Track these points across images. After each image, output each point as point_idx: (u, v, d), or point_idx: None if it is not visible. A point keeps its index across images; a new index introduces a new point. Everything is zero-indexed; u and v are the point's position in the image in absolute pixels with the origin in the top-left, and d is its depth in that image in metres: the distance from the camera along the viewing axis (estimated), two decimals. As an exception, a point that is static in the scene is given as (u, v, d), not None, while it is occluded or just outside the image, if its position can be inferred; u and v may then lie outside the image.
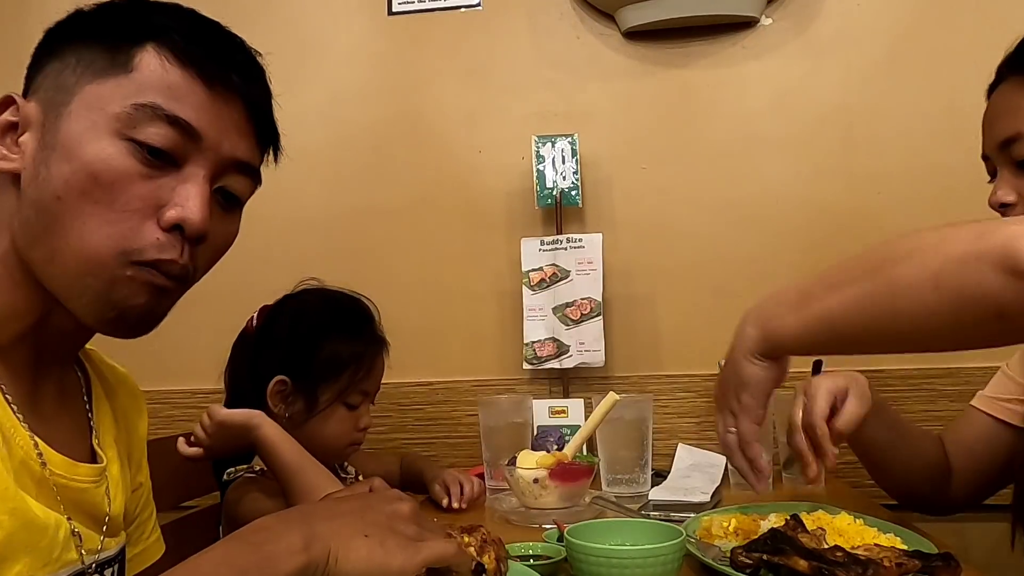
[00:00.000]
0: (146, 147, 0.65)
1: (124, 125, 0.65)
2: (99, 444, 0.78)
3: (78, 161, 0.64)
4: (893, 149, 1.65)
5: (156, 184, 0.66)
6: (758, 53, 1.70)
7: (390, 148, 1.79)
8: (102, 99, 0.65)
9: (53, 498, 0.68)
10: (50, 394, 0.73)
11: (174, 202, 0.66)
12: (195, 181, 0.67)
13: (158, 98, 0.66)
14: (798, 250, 1.66)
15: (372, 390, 1.32)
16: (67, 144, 0.65)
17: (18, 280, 0.68)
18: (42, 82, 0.69)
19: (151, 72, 0.66)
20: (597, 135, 1.72)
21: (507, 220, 1.75)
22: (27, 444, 0.66)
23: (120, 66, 0.66)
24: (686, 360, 1.67)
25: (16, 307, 0.68)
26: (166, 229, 0.66)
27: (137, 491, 0.87)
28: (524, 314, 1.66)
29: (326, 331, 1.28)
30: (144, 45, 0.67)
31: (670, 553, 0.82)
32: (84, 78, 0.66)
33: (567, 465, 1.22)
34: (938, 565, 0.83)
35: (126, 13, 0.70)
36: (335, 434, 1.27)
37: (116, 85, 0.66)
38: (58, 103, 0.66)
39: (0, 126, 0.68)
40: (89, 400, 0.80)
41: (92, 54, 0.67)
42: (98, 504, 0.74)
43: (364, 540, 0.61)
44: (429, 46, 1.79)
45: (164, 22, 0.69)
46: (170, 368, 1.67)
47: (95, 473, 0.74)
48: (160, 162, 0.66)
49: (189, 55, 0.67)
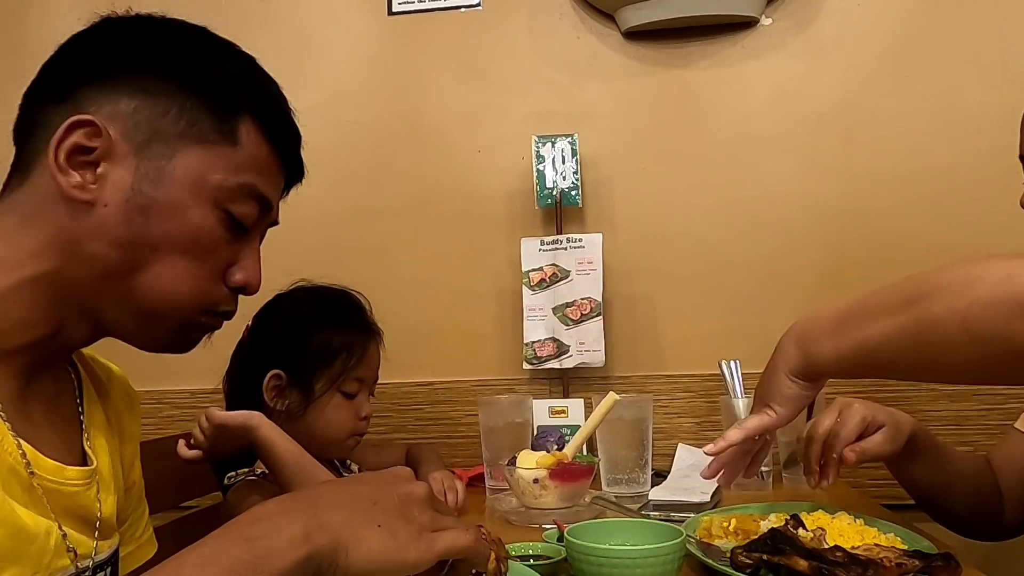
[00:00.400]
0: (234, 219, 0.71)
1: (224, 197, 0.70)
2: (90, 445, 0.77)
3: (183, 222, 0.68)
4: (893, 149, 1.65)
5: (232, 248, 0.73)
6: (758, 53, 1.70)
7: (390, 148, 1.79)
8: (206, 166, 0.69)
9: (42, 504, 0.67)
10: (42, 396, 0.72)
11: (240, 265, 0.74)
12: (254, 246, 0.76)
13: (255, 179, 0.72)
14: (798, 250, 1.66)
15: (368, 378, 1.31)
16: (171, 203, 0.68)
17: (48, 299, 0.68)
18: (125, 113, 0.68)
19: (250, 148, 0.72)
20: (597, 135, 1.72)
21: (507, 220, 1.75)
22: (14, 450, 0.65)
23: (226, 136, 0.70)
24: (686, 360, 1.67)
25: (34, 321, 0.68)
26: (231, 287, 0.74)
27: (130, 490, 0.86)
28: (524, 314, 1.66)
29: (315, 322, 1.28)
30: (244, 116, 0.72)
31: (670, 553, 0.82)
32: (188, 136, 0.69)
33: (567, 465, 1.22)
34: (938, 565, 0.83)
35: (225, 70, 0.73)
36: (335, 424, 1.27)
37: (221, 155, 0.70)
38: (156, 153, 0.68)
39: (73, 147, 0.66)
40: (81, 400, 0.79)
41: (197, 113, 0.69)
42: (89, 507, 0.73)
43: (376, 531, 0.57)
44: (429, 46, 1.79)
45: (259, 91, 0.74)
46: (170, 368, 1.66)
47: (85, 475, 0.73)
48: (238, 231, 0.73)
49: (276, 133, 0.74)
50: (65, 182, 0.66)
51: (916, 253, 1.61)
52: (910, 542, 0.94)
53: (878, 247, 1.63)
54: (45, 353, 0.71)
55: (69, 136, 0.66)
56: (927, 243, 1.61)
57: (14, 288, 0.66)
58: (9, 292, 0.66)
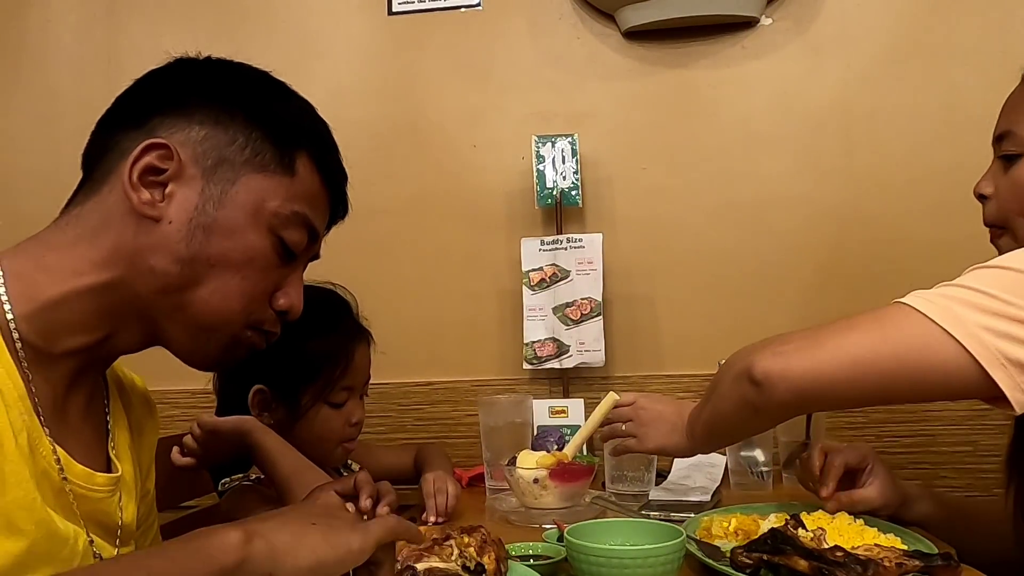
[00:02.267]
0: (285, 245, 0.76)
1: (278, 223, 0.75)
2: (115, 452, 0.79)
3: (240, 243, 0.73)
4: (893, 149, 1.65)
5: (279, 273, 0.78)
6: (758, 53, 1.70)
7: (390, 148, 1.79)
8: (266, 192, 0.74)
9: (71, 509, 0.69)
10: (78, 402, 0.74)
11: (285, 291, 0.79)
12: (299, 275, 0.81)
13: (307, 209, 0.77)
14: (798, 249, 1.66)
15: (356, 384, 1.27)
16: (231, 224, 0.73)
17: (105, 307, 0.71)
18: (196, 140, 0.73)
19: (305, 181, 0.77)
20: (597, 135, 1.72)
21: (507, 220, 1.75)
22: (49, 455, 0.67)
23: (285, 167, 0.76)
24: (686, 360, 1.67)
25: (88, 330, 0.71)
26: (275, 310, 0.78)
27: (145, 498, 0.87)
28: (524, 314, 1.66)
29: (297, 330, 1.25)
30: (302, 151, 0.77)
31: (670, 553, 0.82)
32: (251, 165, 0.74)
33: (567, 465, 1.22)
34: (938, 565, 0.83)
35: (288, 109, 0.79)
36: (323, 435, 1.24)
37: (279, 184, 0.75)
38: (222, 177, 0.73)
39: (146, 168, 0.71)
40: (108, 407, 0.81)
41: (261, 144, 0.75)
42: (111, 513, 0.75)
43: (314, 528, 0.61)
44: (429, 46, 1.79)
45: (316, 130, 0.81)
46: (170, 368, 1.65)
47: (110, 482, 0.75)
48: (287, 257, 0.77)
49: (328, 170, 0.80)
50: (136, 198, 0.70)
51: (916, 253, 1.61)
52: (910, 542, 0.94)
53: (878, 247, 1.63)
54: (90, 359, 0.73)
55: (144, 157, 0.71)
56: (927, 243, 1.61)
57: (71, 295, 0.70)
58: (65, 299, 0.69)
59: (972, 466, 1.57)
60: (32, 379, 0.67)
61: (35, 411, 0.66)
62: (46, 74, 1.84)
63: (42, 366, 0.68)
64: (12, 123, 1.85)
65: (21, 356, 0.66)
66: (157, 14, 1.83)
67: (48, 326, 0.68)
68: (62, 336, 0.70)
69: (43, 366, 0.68)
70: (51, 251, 0.71)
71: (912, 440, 1.58)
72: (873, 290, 1.61)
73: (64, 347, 0.70)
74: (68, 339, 0.70)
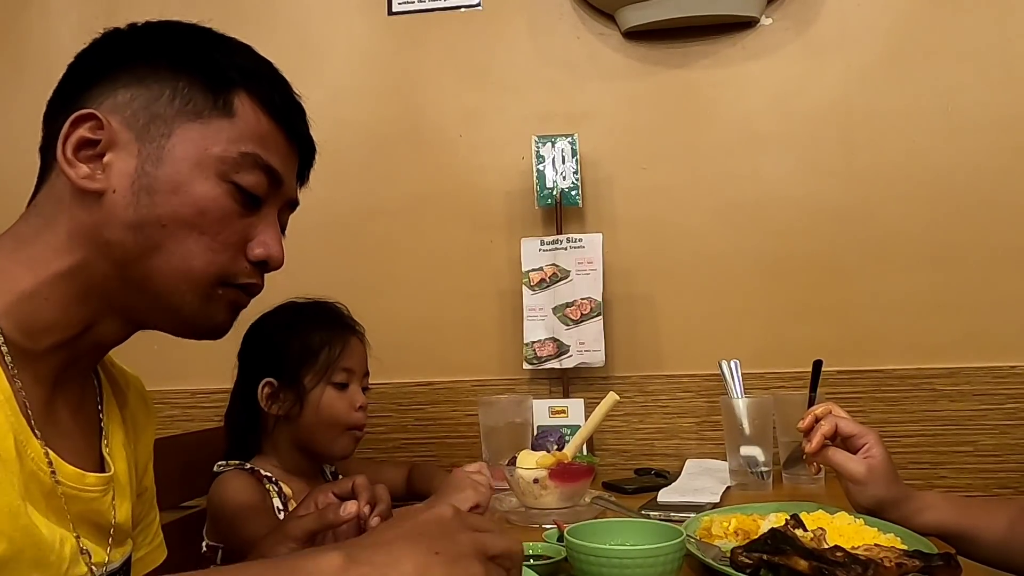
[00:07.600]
0: (243, 191, 0.73)
1: (228, 168, 0.72)
2: (108, 451, 0.78)
3: (188, 196, 0.70)
4: (893, 149, 1.65)
5: (246, 222, 0.74)
6: (758, 53, 1.70)
7: (390, 148, 1.79)
8: (205, 139, 0.71)
9: (62, 511, 0.68)
10: (68, 401, 0.73)
11: (260, 240, 0.75)
12: (271, 221, 0.77)
13: (257, 148, 0.74)
14: (797, 249, 1.66)
15: (356, 368, 1.33)
16: (174, 178, 0.70)
17: (78, 294, 0.70)
18: (123, 103, 0.71)
19: (248, 120, 0.73)
20: (597, 135, 1.72)
21: (507, 220, 1.75)
22: (40, 457, 0.66)
23: (221, 110, 0.72)
24: (686, 360, 1.67)
25: (66, 319, 0.70)
26: (253, 262, 0.75)
27: (142, 496, 0.86)
28: (524, 314, 1.66)
29: (294, 327, 1.33)
30: (238, 90, 0.73)
31: (670, 553, 0.82)
32: (184, 115, 0.71)
33: (567, 465, 1.22)
34: (938, 565, 0.83)
35: (216, 51, 0.75)
36: (331, 416, 1.29)
37: (219, 128, 0.72)
38: (155, 133, 0.70)
39: (79, 141, 0.70)
40: (101, 405, 0.80)
41: (191, 92, 0.72)
42: (104, 513, 0.74)
43: (436, 557, 0.55)
44: (429, 46, 1.79)
45: (252, 67, 0.76)
46: (170, 368, 1.67)
47: (103, 482, 0.74)
48: (250, 203, 0.74)
49: (274, 105, 0.76)
50: (74, 174, 0.69)
51: (916, 252, 1.62)
52: (910, 542, 0.94)
53: (878, 247, 1.63)
54: (75, 355, 0.72)
55: (74, 131, 0.69)
56: (927, 243, 1.61)
57: (43, 285, 0.69)
58: (38, 289, 0.69)
59: (972, 466, 1.57)
60: (19, 380, 0.66)
61: (23, 413, 0.65)
62: (46, 74, 1.84)
63: (28, 366, 0.67)
64: (12, 123, 1.85)
65: (7, 358, 0.66)
66: (157, 14, 1.83)
67: (27, 320, 0.67)
68: (43, 330, 0.68)
69: (29, 366, 0.67)
70: (20, 244, 0.70)
71: (912, 440, 1.58)
72: (873, 290, 1.62)
73: (47, 343, 0.69)
74: (49, 334, 0.69)
